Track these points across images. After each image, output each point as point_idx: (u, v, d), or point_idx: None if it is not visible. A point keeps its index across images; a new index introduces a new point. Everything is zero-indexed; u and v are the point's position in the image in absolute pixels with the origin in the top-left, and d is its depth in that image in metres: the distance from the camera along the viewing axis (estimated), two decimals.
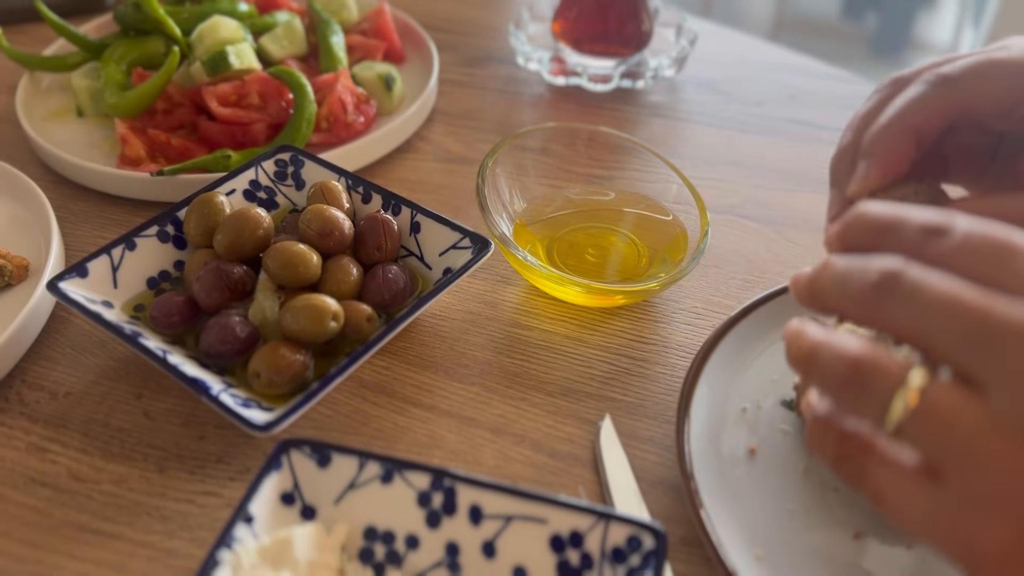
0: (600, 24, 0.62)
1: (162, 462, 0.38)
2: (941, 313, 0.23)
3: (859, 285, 0.25)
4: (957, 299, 0.22)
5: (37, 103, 0.59)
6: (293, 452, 0.32)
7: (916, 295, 0.23)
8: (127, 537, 0.35)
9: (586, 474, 0.38)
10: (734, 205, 0.54)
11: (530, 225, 0.49)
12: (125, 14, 0.58)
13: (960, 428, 0.22)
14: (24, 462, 0.38)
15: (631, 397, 0.41)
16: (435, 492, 0.31)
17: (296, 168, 0.47)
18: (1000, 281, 0.23)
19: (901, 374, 0.23)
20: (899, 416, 0.23)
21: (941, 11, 2.43)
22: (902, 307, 0.23)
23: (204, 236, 0.42)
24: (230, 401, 0.35)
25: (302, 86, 0.53)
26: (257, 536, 0.30)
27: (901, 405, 0.23)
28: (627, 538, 0.30)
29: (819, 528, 0.35)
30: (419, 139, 0.59)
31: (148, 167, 0.52)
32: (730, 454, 0.37)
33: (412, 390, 0.41)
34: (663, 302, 0.47)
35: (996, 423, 0.22)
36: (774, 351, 0.42)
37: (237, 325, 0.39)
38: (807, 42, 2.29)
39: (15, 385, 0.41)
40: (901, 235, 0.25)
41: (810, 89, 0.66)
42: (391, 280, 0.41)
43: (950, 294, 0.23)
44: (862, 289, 0.24)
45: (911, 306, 0.23)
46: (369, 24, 0.64)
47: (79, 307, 0.38)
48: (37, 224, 0.48)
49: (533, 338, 0.44)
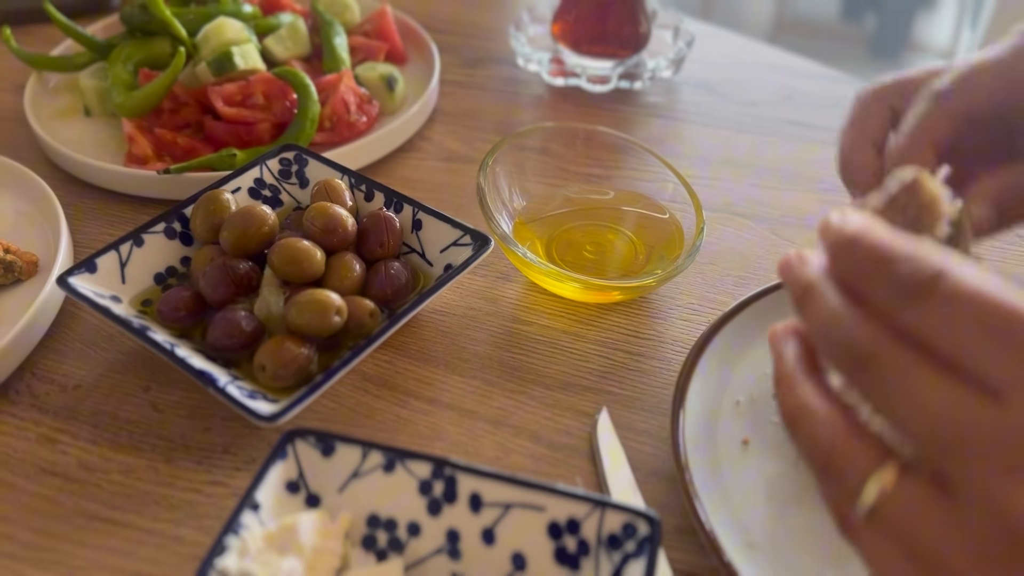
0: (599, 26, 0.63)
1: (169, 453, 0.39)
2: (910, 412, 0.22)
3: (837, 349, 0.23)
4: (924, 403, 0.21)
5: (45, 102, 0.59)
6: (298, 442, 0.33)
7: (886, 385, 0.22)
8: (136, 525, 0.36)
9: (583, 465, 0.39)
10: (729, 203, 0.55)
11: (529, 223, 0.50)
12: (132, 15, 0.58)
13: (925, 536, 0.21)
14: (35, 452, 0.39)
15: (627, 390, 0.42)
16: (436, 481, 0.32)
17: (300, 167, 0.48)
18: (979, 365, 0.21)
19: (871, 465, 0.23)
20: (869, 504, 0.22)
21: (940, 12, 2.44)
22: (874, 390, 0.22)
23: (210, 233, 0.43)
24: (236, 393, 0.36)
25: (306, 86, 0.54)
26: (263, 523, 0.31)
27: (870, 496, 0.22)
28: (622, 525, 0.31)
29: (810, 517, 0.36)
30: (420, 138, 0.60)
31: (155, 165, 0.53)
32: (724, 445, 0.38)
33: (414, 383, 0.42)
34: (659, 298, 0.47)
35: (963, 530, 0.21)
36: (767, 346, 0.42)
37: (243, 319, 0.40)
38: (806, 43, 2.30)
39: (25, 378, 0.42)
40: (886, 284, 0.23)
41: (805, 90, 0.67)
42: (393, 276, 0.42)
43: (918, 396, 0.21)
44: (840, 355, 0.23)
45: (882, 393, 0.22)
46: (371, 25, 0.65)
47: (88, 302, 0.39)
48: (46, 221, 0.49)
49: (532, 333, 0.45)
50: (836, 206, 0.30)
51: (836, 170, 0.38)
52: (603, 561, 0.31)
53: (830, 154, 0.59)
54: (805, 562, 0.34)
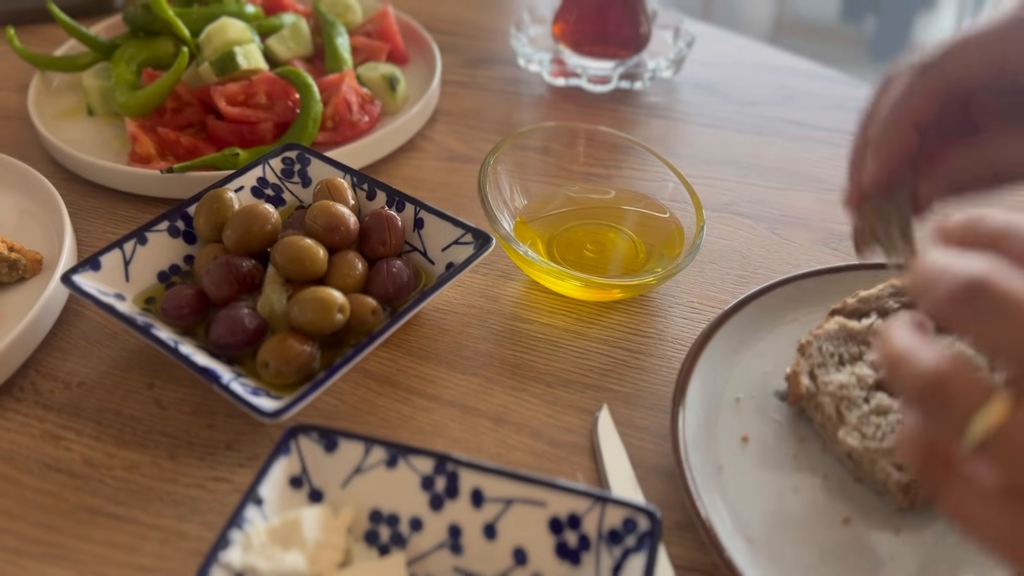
0: (599, 27, 0.63)
1: (173, 449, 0.39)
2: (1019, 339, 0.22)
3: (942, 291, 0.24)
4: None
5: (49, 102, 0.60)
6: (301, 437, 0.33)
7: (999, 309, 0.22)
8: (139, 521, 0.36)
9: (584, 462, 0.39)
10: (729, 203, 0.55)
11: (531, 222, 0.50)
12: (135, 15, 0.59)
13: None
14: (39, 449, 0.39)
15: (628, 388, 0.43)
16: (438, 476, 0.33)
17: (303, 166, 0.48)
18: None
19: (982, 395, 0.23)
20: (979, 436, 0.23)
21: (940, 13, 2.45)
22: (985, 321, 0.23)
23: (214, 231, 0.43)
24: (240, 389, 0.37)
25: (308, 86, 0.54)
26: (267, 517, 0.31)
27: (982, 426, 0.22)
28: (623, 520, 0.31)
29: (809, 513, 0.36)
30: (422, 138, 0.60)
31: (158, 165, 0.53)
32: (723, 442, 0.38)
33: (416, 380, 0.43)
34: (660, 296, 0.48)
35: None
36: (767, 344, 0.43)
37: (246, 317, 0.40)
38: (806, 44, 2.30)
39: (30, 375, 0.42)
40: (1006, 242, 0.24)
41: (804, 90, 0.67)
42: (395, 274, 0.42)
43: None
44: (946, 296, 0.24)
45: (993, 321, 0.22)
46: (373, 26, 0.65)
47: (93, 299, 0.39)
48: (50, 219, 0.49)
49: (533, 331, 0.45)
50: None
51: (850, 149, 0.36)
52: (603, 556, 0.31)
53: (830, 153, 0.60)
54: (804, 557, 0.34)
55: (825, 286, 0.45)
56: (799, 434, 0.39)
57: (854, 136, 0.36)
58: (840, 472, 0.37)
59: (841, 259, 0.50)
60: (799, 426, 0.39)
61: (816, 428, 0.39)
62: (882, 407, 0.37)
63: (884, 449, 0.35)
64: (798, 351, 0.40)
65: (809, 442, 0.39)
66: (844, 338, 0.40)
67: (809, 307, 0.44)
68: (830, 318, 0.41)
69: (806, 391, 0.38)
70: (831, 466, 0.38)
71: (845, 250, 0.51)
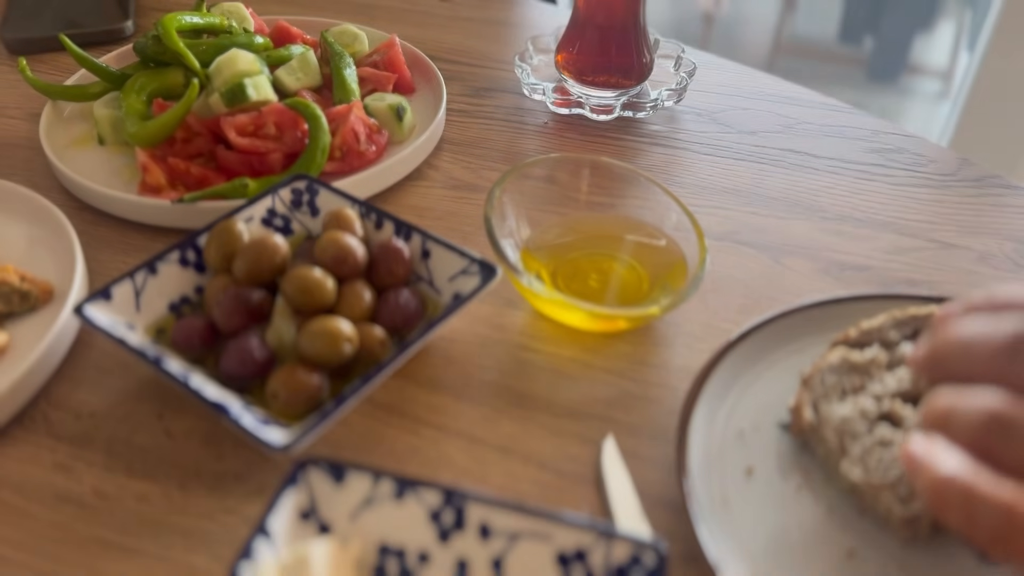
0: (602, 57, 0.64)
1: (183, 480, 0.39)
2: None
3: (987, 348, 0.24)
4: None
5: (59, 131, 0.61)
6: (311, 469, 0.33)
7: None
8: (149, 552, 0.37)
9: (590, 492, 0.39)
10: (731, 232, 0.56)
11: (535, 251, 0.50)
12: (145, 46, 0.60)
13: None
14: (50, 479, 0.39)
15: (633, 418, 0.43)
16: (446, 509, 0.33)
17: (311, 196, 0.49)
18: None
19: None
20: None
21: (938, 34, 2.47)
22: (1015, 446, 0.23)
23: (223, 262, 0.44)
24: (249, 423, 0.37)
25: (317, 117, 0.55)
26: (276, 550, 0.32)
27: None
28: (630, 556, 0.31)
29: (813, 546, 0.36)
30: (428, 167, 0.61)
31: (168, 195, 0.54)
32: (729, 473, 0.39)
33: (423, 410, 0.43)
34: (664, 326, 0.48)
35: None
36: (771, 374, 0.43)
37: (256, 349, 0.41)
38: (805, 66, 2.32)
39: (40, 405, 0.43)
40: None
41: (804, 119, 0.68)
42: (403, 305, 0.43)
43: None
44: (993, 352, 0.24)
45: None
46: (380, 56, 0.66)
47: (105, 333, 0.40)
48: (60, 248, 0.50)
49: (539, 361, 0.46)
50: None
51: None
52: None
53: (830, 182, 0.61)
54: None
55: (827, 315, 0.45)
56: (804, 466, 0.39)
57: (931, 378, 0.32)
58: (845, 504, 0.38)
59: (843, 288, 0.51)
60: (803, 458, 0.40)
61: (820, 460, 0.39)
62: (885, 439, 0.37)
63: (887, 483, 0.36)
64: (801, 383, 0.40)
65: (814, 474, 0.39)
66: (847, 370, 0.40)
67: (812, 336, 0.45)
68: (832, 349, 0.42)
69: (809, 424, 0.39)
70: (835, 498, 0.38)
71: (846, 279, 0.52)
